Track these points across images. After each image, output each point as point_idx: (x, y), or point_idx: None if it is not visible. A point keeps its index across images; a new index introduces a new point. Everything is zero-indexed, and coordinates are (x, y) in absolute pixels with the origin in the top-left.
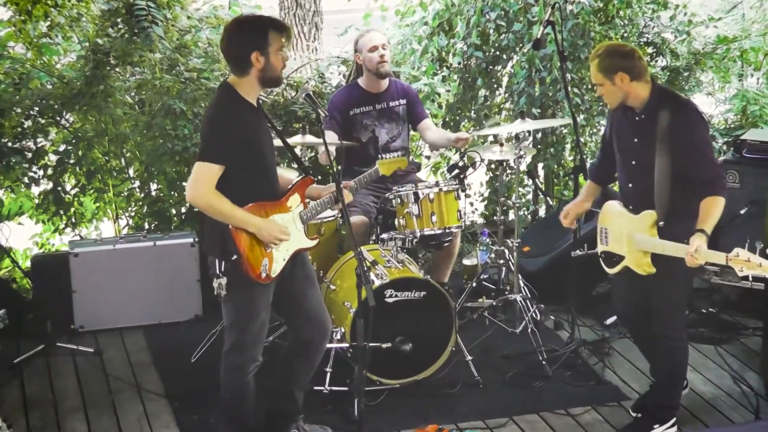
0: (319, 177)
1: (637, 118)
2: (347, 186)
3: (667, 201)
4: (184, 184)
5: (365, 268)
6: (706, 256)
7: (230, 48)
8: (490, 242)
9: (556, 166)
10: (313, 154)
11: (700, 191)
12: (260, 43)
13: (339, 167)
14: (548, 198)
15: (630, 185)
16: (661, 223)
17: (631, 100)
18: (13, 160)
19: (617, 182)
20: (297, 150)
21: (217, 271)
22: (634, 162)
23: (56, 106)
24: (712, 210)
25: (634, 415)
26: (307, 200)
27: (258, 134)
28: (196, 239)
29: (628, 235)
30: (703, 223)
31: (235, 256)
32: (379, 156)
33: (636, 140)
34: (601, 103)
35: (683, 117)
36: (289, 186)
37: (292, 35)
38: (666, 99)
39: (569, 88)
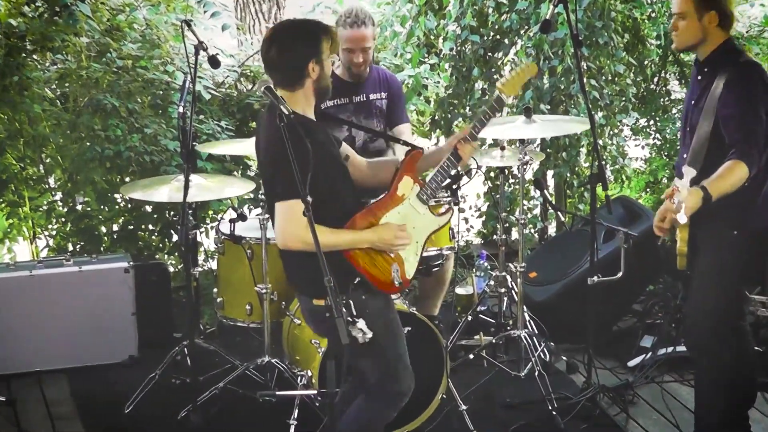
0: None
1: (699, 77)
2: (464, 135)
3: (699, 164)
4: (116, 195)
5: (338, 298)
6: (683, 207)
7: (286, 59)
8: (488, 267)
9: (569, 175)
10: None
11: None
12: (315, 51)
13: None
14: (560, 213)
15: (685, 156)
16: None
17: (702, 47)
18: None
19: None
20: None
21: (352, 317)
22: (688, 129)
23: None
24: (727, 174)
25: None
26: (425, 174)
27: (330, 149)
28: (131, 263)
29: None
30: (710, 181)
31: (357, 279)
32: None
33: (693, 102)
34: (623, 99)
35: (739, 74)
36: (396, 171)
37: (337, 42)
38: (733, 56)
39: (585, 80)
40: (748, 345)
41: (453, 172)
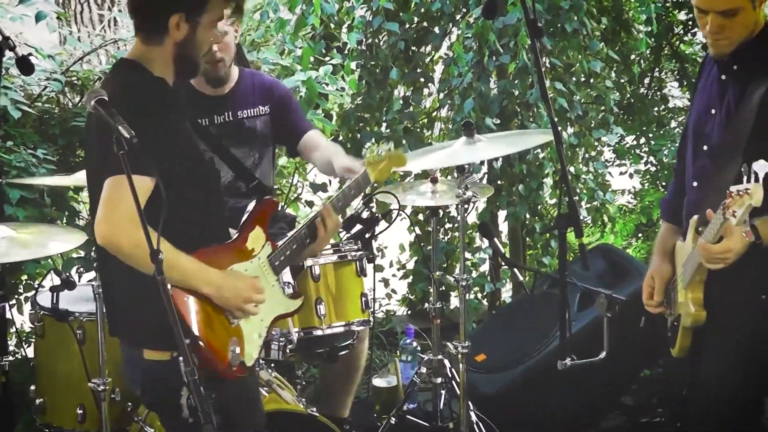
0: None
1: (723, 76)
2: (326, 212)
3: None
4: None
5: (203, 398)
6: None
7: (140, 4)
8: (418, 348)
9: (528, 216)
10: None
11: None
12: (191, 5)
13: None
14: (516, 270)
15: (695, 184)
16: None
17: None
18: None
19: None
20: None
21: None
22: (705, 147)
23: None
24: None
25: None
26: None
27: (190, 133)
28: None
29: (679, 273)
30: (763, 221)
31: (188, 340)
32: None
33: (713, 111)
34: (602, 108)
35: None
36: (243, 217)
37: (243, 8)
38: None
39: (548, 83)
40: None
41: (305, 245)
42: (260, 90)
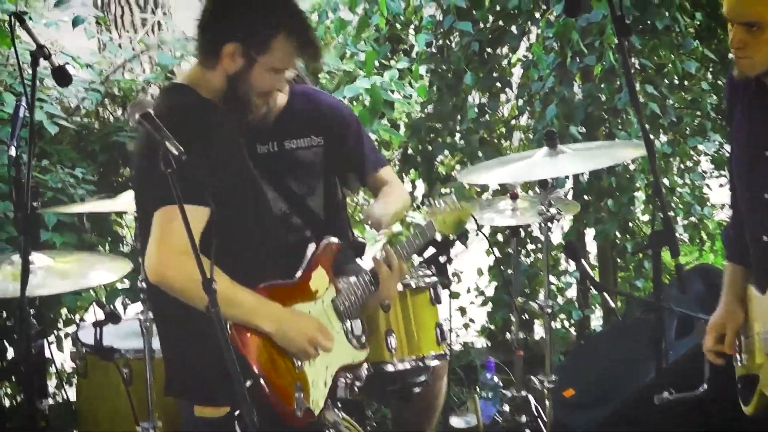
0: None
1: None
2: (389, 255)
3: None
4: None
5: None
6: None
7: (206, 20)
8: (499, 383)
9: (619, 235)
10: None
11: None
12: (244, 36)
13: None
14: (607, 295)
15: (765, 239)
16: None
17: None
18: None
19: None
20: None
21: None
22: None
23: None
24: None
25: None
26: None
27: (246, 161)
28: None
29: (757, 331)
30: None
31: (249, 381)
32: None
33: None
34: (698, 113)
35: None
36: (307, 256)
37: (319, 55)
38: None
39: (638, 86)
40: None
41: (369, 292)
42: (315, 113)
